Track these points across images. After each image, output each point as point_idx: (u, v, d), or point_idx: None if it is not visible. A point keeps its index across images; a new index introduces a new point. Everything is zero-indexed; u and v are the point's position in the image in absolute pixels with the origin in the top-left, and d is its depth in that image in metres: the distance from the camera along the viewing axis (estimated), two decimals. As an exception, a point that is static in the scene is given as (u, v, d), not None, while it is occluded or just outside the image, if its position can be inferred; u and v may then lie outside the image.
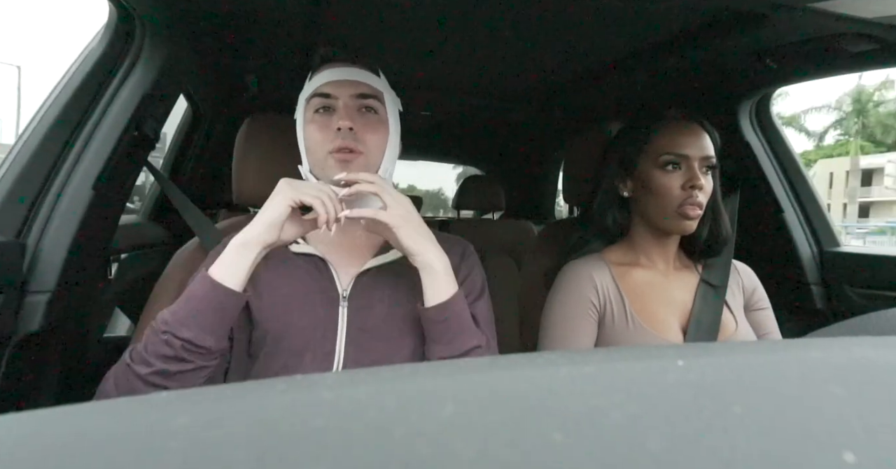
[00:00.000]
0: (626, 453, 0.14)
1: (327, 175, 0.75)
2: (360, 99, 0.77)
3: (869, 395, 0.18)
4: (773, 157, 1.32)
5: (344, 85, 0.76)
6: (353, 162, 0.74)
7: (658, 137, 0.92)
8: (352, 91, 0.76)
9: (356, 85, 0.77)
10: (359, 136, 0.75)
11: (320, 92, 0.77)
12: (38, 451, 0.14)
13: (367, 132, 0.76)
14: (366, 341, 0.73)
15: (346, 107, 0.76)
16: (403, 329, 0.75)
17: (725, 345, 0.24)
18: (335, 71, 0.77)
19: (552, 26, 1.08)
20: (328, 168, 0.75)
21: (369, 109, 0.78)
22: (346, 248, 0.80)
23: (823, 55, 1.02)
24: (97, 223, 0.90)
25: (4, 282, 0.75)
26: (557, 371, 0.20)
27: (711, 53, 1.12)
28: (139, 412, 0.16)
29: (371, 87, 0.78)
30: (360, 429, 0.15)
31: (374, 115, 0.78)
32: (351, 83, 0.77)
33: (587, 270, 0.95)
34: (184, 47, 1.04)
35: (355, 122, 0.75)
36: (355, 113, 0.76)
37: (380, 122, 0.78)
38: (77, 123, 0.86)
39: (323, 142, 0.75)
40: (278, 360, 0.72)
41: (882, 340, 0.25)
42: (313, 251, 0.77)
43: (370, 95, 0.77)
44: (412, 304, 0.75)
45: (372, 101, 0.78)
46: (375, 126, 0.77)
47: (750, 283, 0.99)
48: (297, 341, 0.72)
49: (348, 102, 0.76)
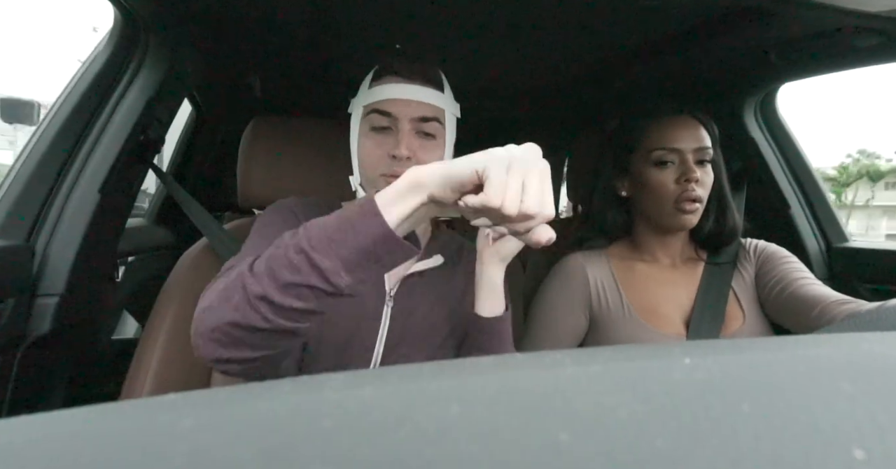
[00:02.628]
0: (634, 452, 0.14)
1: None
2: (421, 123, 0.74)
3: (879, 392, 0.18)
4: (779, 154, 1.31)
5: (406, 105, 0.73)
6: None
7: (648, 134, 0.91)
8: (413, 113, 0.73)
9: (419, 107, 0.73)
10: (414, 161, 0.72)
11: (380, 109, 0.73)
12: (47, 452, 0.14)
13: (423, 157, 0.73)
14: (403, 342, 0.74)
15: (404, 131, 0.72)
16: (440, 335, 0.77)
17: (732, 342, 0.24)
18: (398, 87, 0.73)
19: (554, 24, 1.08)
20: (378, 189, 0.74)
21: (429, 134, 0.75)
22: None
23: (829, 50, 1.01)
24: (105, 226, 0.91)
25: (14, 285, 0.75)
26: (563, 370, 0.19)
27: (715, 50, 1.11)
28: (146, 414, 0.16)
29: (433, 107, 0.74)
30: (365, 429, 0.15)
31: (432, 141, 0.75)
32: (414, 104, 0.73)
33: (581, 264, 0.95)
34: (188, 51, 1.05)
35: (412, 147, 0.72)
36: (414, 137, 0.73)
37: (437, 147, 0.75)
38: (84, 128, 0.87)
39: (377, 162, 0.73)
40: (319, 354, 0.72)
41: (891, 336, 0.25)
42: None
43: (432, 118, 0.74)
44: (450, 311, 0.77)
45: (433, 124, 0.74)
46: (433, 152, 0.75)
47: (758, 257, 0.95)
48: (341, 337, 0.72)
49: (407, 126, 0.73)
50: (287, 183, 1.04)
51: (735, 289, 0.92)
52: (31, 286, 0.79)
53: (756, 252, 0.95)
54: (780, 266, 0.91)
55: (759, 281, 0.92)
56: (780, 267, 0.91)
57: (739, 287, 0.92)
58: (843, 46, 0.98)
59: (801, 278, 0.87)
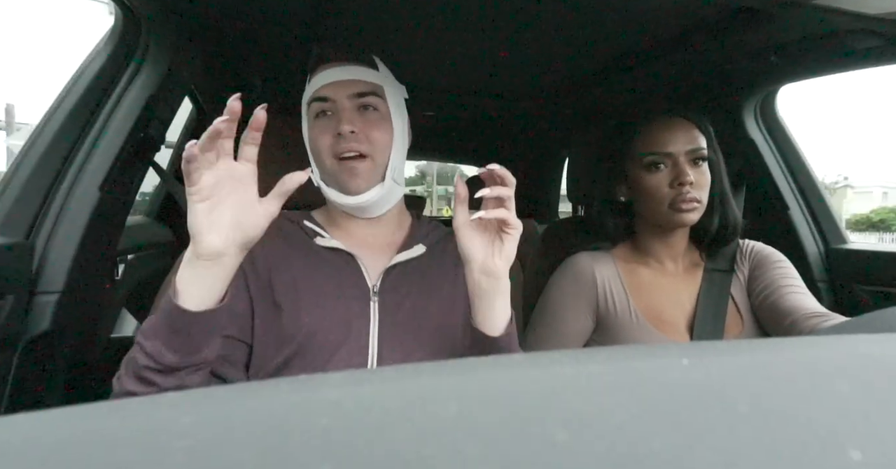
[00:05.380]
0: (631, 453, 0.14)
1: (338, 184, 0.75)
2: (358, 98, 0.75)
3: (875, 393, 0.18)
4: (778, 155, 1.31)
5: (340, 86, 0.75)
6: (360, 167, 0.73)
7: (639, 138, 0.90)
8: (349, 91, 0.75)
9: (353, 84, 0.75)
10: (362, 136, 0.74)
11: (318, 96, 0.75)
12: (46, 450, 0.14)
13: (370, 131, 0.74)
14: (398, 335, 0.73)
15: (344, 109, 0.74)
16: (433, 323, 0.76)
17: (730, 343, 0.24)
18: (330, 71, 0.75)
19: (555, 25, 1.08)
20: (336, 176, 0.75)
21: (370, 107, 0.76)
22: (370, 244, 0.80)
23: (828, 52, 1.02)
24: (104, 224, 0.91)
25: (13, 282, 0.75)
26: (561, 370, 0.20)
27: (715, 51, 1.12)
28: (146, 412, 0.16)
29: (369, 83, 0.76)
30: (364, 428, 0.15)
31: (375, 113, 0.76)
32: (347, 83, 0.75)
33: (589, 265, 0.94)
34: (188, 49, 1.05)
35: (356, 123, 0.73)
36: (355, 113, 0.75)
37: (382, 119, 0.76)
38: (84, 125, 0.87)
39: (327, 147, 0.74)
40: (313, 355, 0.70)
41: (889, 338, 0.25)
42: (340, 245, 0.77)
43: (368, 93, 0.76)
44: (440, 299, 0.76)
45: (371, 98, 0.76)
46: (378, 124, 0.76)
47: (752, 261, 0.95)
48: (333, 335, 0.71)
49: (346, 104, 0.75)
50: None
51: (734, 295, 0.92)
52: (31, 283, 0.79)
53: (751, 256, 0.95)
54: (770, 271, 0.91)
55: (750, 286, 0.93)
56: (769, 273, 0.91)
57: (737, 293, 0.92)
58: (841, 48, 0.98)
59: (786, 286, 0.87)
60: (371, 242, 0.80)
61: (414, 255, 0.78)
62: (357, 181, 0.74)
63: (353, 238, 0.79)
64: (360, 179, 0.74)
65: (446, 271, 0.80)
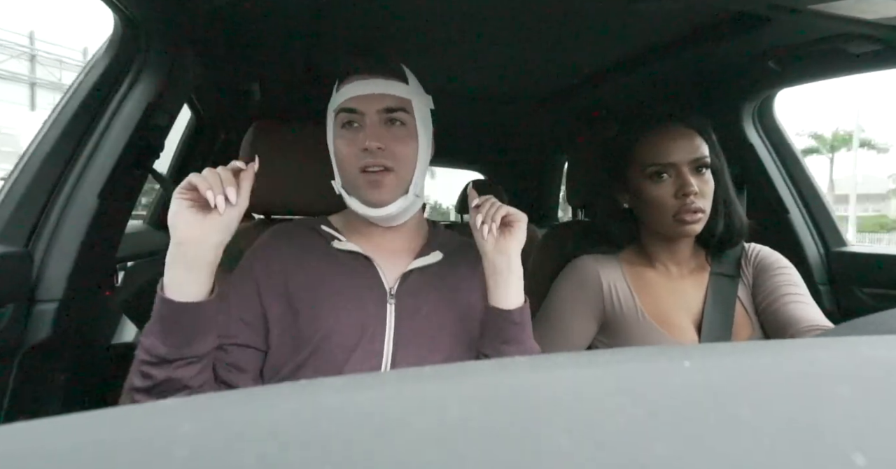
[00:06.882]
0: (633, 456, 0.14)
1: (360, 195, 0.75)
2: (386, 113, 0.75)
3: (878, 395, 0.18)
4: (777, 159, 1.32)
5: (370, 99, 0.74)
6: (384, 181, 0.74)
7: (641, 147, 0.89)
8: (378, 105, 0.74)
9: (382, 98, 0.75)
10: (388, 151, 0.73)
11: (347, 107, 0.75)
12: (46, 459, 0.14)
13: (396, 146, 0.74)
14: (413, 340, 0.74)
15: (372, 124, 0.74)
16: (448, 330, 0.76)
17: (732, 345, 0.24)
18: (361, 84, 0.75)
19: (554, 29, 1.08)
20: (360, 188, 0.75)
21: (397, 122, 0.76)
22: (387, 249, 0.80)
23: (826, 57, 1.02)
24: (104, 232, 0.91)
25: (13, 291, 0.75)
26: (563, 373, 0.19)
27: (714, 55, 1.12)
28: (145, 419, 0.16)
29: (398, 97, 0.76)
30: (365, 433, 0.15)
31: (402, 128, 0.76)
32: (377, 97, 0.75)
33: (594, 268, 0.93)
34: (187, 56, 1.05)
35: (383, 139, 0.73)
36: (382, 128, 0.75)
37: (408, 135, 0.77)
38: (83, 133, 0.87)
39: (352, 159, 0.74)
40: (328, 357, 0.71)
41: (890, 339, 0.25)
42: (357, 249, 0.77)
43: (397, 108, 0.75)
44: (456, 307, 0.77)
45: (399, 114, 0.76)
46: (404, 140, 0.76)
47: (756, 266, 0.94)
48: (349, 338, 0.72)
49: (374, 118, 0.74)
50: (287, 187, 1.04)
51: (741, 298, 0.91)
52: (30, 292, 0.78)
53: (755, 261, 0.95)
54: (773, 277, 0.90)
55: (755, 291, 0.92)
56: (772, 279, 0.90)
57: (744, 297, 0.92)
58: (840, 53, 0.99)
59: (788, 294, 0.86)
60: (388, 247, 0.81)
61: (431, 262, 0.79)
62: (380, 194, 0.74)
63: (371, 243, 0.80)
64: (384, 192, 0.74)
65: (462, 279, 0.81)
